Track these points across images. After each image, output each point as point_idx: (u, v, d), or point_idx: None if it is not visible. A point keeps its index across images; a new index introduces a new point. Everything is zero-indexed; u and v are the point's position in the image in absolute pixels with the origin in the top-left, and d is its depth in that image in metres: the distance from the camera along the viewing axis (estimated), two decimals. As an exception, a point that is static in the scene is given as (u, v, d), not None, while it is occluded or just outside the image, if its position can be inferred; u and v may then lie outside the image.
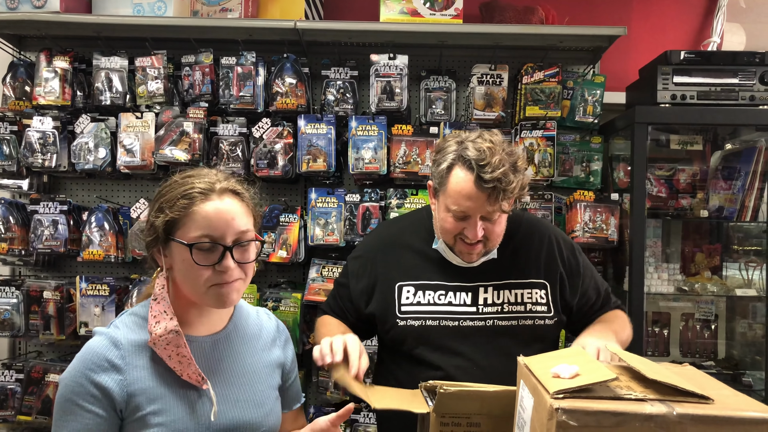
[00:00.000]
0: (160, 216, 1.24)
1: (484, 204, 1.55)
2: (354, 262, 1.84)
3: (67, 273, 2.96)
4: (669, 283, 2.79)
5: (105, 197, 2.94)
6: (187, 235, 1.23)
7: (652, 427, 0.90)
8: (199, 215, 1.23)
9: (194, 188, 1.24)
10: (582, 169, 2.87)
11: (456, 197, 1.57)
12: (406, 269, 1.74)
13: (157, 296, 1.27)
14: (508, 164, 1.54)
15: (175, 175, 1.32)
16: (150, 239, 1.28)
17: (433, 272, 1.73)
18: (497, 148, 1.55)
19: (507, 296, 1.70)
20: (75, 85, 2.79)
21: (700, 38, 3.17)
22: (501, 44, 2.75)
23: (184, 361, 1.24)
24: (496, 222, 1.62)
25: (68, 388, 1.20)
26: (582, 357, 1.09)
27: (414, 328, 1.69)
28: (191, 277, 1.24)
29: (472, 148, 1.55)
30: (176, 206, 1.23)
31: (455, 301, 1.70)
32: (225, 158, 2.70)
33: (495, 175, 1.50)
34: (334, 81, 2.75)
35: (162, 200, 1.26)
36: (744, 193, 2.80)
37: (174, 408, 1.24)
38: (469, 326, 1.68)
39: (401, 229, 1.86)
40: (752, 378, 2.76)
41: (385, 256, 1.78)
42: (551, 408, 0.91)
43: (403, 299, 1.72)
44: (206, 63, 2.74)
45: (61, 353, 2.93)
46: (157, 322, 1.24)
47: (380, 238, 1.88)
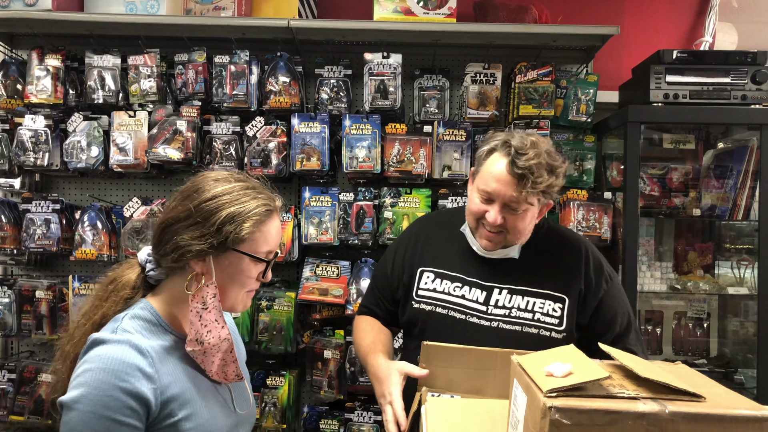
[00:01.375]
0: (232, 226, 1.24)
1: (511, 189, 1.59)
2: (392, 246, 1.96)
3: (59, 272, 2.95)
4: (662, 281, 2.80)
5: (98, 196, 2.93)
6: (258, 249, 1.29)
7: (644, 425, 0.91)
8: (269, 233, 1.30)
9: (261, 205, 1.29)
10: (575, 168, 2.88)
11: (487, 177, 1.63)
12: (431, 257, 1.82)
13: (209, 306, 1.25)
14: (545, 161, 1.58)
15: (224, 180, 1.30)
16: (205, 246, 1.23)
17: (456, 265, 1.78)
18: (541, 146, 1.61)
19: (518, 302, 1.71)
20: (67, 84, 2.77)
21: (692, 38, 3.18)
22: (494, 43, 2.75)
23: (225, 363, 1.30)
24: (519, 216, 1.64)
25: (100, 404, 1.12)
26: (575, 355, 1.09)
27: (424, 312, 1.76)
28: (238, 285, 1.30)
29: (517, 138, 1.62)
30: (250, 220, 1.26)
31: (468, 295, 1.74)
32: (218, 157, 2.69)
33: (528, 164, 1.56)
34: (328, 80, 2.75)
35: (231, 211, 1.25)
36: (736, 192, 2.81)
37: (203, 410, 1.26)
38: (475, 323, 1.71)
39: (436, 219, 1.98)
40: (744, 376, 2.77)
41: (417, 242, 1.87)
42: (544, 406, 0.91)
43: (422, 283, 1.79)
44: (199, 61, 2.73)
45: (53, 353, 2.91)
46: (209, 331, 1.25)
47: (417, 227, 1.97)
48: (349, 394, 2.72)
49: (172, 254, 1.25)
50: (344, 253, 2.80)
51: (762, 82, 2.58)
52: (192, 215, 1.24)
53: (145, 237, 2.68)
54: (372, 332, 1.84)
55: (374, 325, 1.88)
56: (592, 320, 1.74)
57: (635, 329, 1.79)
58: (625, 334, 1.75)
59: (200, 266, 1.26)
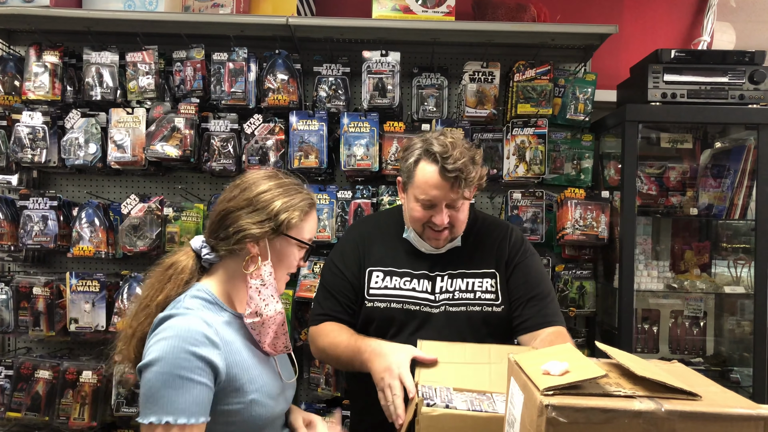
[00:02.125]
0: (287, 213, 1.43)
1: (449, 192, 1.71)
2: (336, 251, 1.97)
3: (56, 269, 2.95)
4: (659, 280, 2.81)
5: (95, 193, 2.93)
6: (303, 236, 1.48)
7: (640, 424, 0.91)
8: (311, 224, 1.51)
9: (306, 199, 1.49)
10: (573, 167, 2.89)
11: (423, 187, 1.73)
12: (377, 257, 1.89)
13: (266, 282, 1.42)
14: (467, 157, 1.71)
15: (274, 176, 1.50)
16: (265, 230, 1.42)
17: (401, 261, 1.87)
18: (458, 143, 1.73)
19: (459, 284, 1.83)
20: (65, 80, 2.77)
21: (690, 37, 3.19)
22: (493, 42, 2.75)
23: (277, 336, 1.45)
24: (460, 209, 1.78)
25: (174, 364, 1.25)
26: (572, 354, 1.10)
27: (380, 310, 1.83)
28: (285, 267, 1.48)
29: (437, 143, 1.72)
30: (299, 209, 1.45)
31: (418, 287, 1.83)
32: (216, 154, 2.69)
33: (457, 165, 1.67)
34: (326, 77, 2.75)
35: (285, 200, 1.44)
36: (733, 191, 2.82)
37: (263, 374, 1.41)
38: (427, 312, 1.81)
39: (375, 224, 2.02)
40: (740, 375, 2.78)
41: (363, 244, 1.92)
42: (541, 404, 0.92)
43: (372, 283, 1.86)
44: (198, 59, 2.73)
45: (51, 349, 2.92)
46: (267, 305, 1.41)
47: (357, 230, 2.02)
48: (346, 392, 2.72)
49: (232, 237, 1.42)
50: (342, 251, 2.80)
51: (760, 81, 2.59)
52: (252, 204, 1.43)
53: (143, 234, 2.68)
54: (344, 330, 1.83)
55: (341, 326, 1.85)
56: (510, 284, 1.85)
57: (554, 299, 1.88)
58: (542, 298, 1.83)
59: (256, 249, 1.43)
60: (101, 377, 2.67)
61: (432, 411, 1.32)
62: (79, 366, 2.69)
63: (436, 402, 1.36)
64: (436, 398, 1.39)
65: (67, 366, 2.69)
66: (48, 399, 2.68)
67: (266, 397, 1.39)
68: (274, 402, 1.42)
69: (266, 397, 1.39)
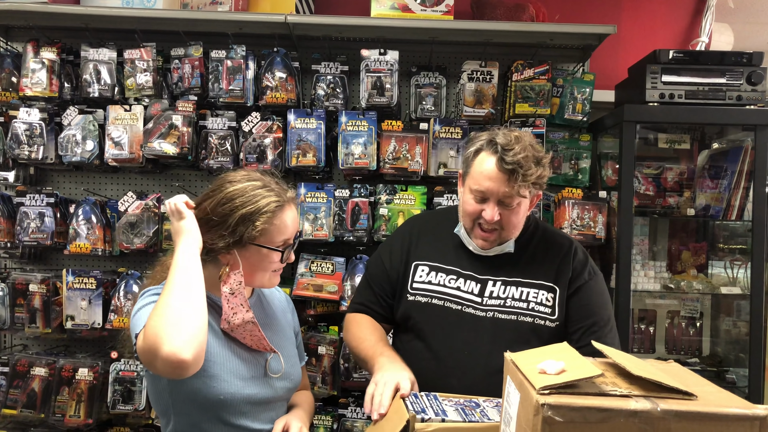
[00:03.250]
0: (246, 226, 1.43)
1: (503, 185, 1.64)
2: (386, 243, 1.98)
3: (53, 266, 2.94)
4: (655, 280, 2.81)
5: (92, 190, 2.92)
6: (273, 240, 1.48)
7: (636, 423, 0.91)
8: (282, 225, 1.48)
9: (272, 202, 1.46)
10: (570, 167, 2.89)
11: (478, 177, 1.68)
12: (426, 252, 1.85)
13: (235, 291, 1.45)
14: (531, 154, 1.64)
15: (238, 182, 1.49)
16: (225, 244, 1.44)
17: (450, 259, 1.82)
18: (525, 140, 1.67)
19: (512, 292, 1.76)
20: (62, 77, 2.76)
21: (688, 38, 3.19)
22: (491, 41, 2.75)
23: (257, 338, 1.49)
24: (514, 210, 1.70)
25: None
26: (568, 353, 1.10)
27: (420, 304, 1.78)
28: (262, 269, 1.50)
29: (502, 135, 1.67)
30: (261, 218, 1.44)
31: (464, 287, 1.77)
32: (214, 152, 2.68)
33: (516, 158, 1.61)
34: (325, 76, 2.74)
35: (243, 212, 1.44)
36: (730, 192, 2.82)
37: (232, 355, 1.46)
38: (471, 314, 1.74)
39: (428, 219, 2.02)
40: (736, 375, 2.79)
41: (412, 238, 1.89)
42: (537, 404, 0.92)
43: (417, 277, 1.82)
44: (196, 56, 2.72)
45: (47, 346, 2.91)
46: (235, 314, 1.45)
47: (410, 224, 2.00)
48: (342, 390, 2.72)
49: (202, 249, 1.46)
50: (339, 250, 2.80)
51: (757, 83, 2.59)
52: (210, 218, 1.45)
53: (140, 231, 2.68)
54: (375, 329, 1.83)
55: (373, 323, 1.86)
56: (570, 305, 1.76)
57: (613, 328, 1.79)
58: (601, 327, 1.75)
59: (227, 258, 1.48)
60: (97, 374, 2.66)
61: (427, 426, 1.31)
62: (75, 363, 2.68)
63: (431, 416, 1.35)
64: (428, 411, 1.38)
65: (63, 363, 2.68)
66: (44, 396, 2.67)
67: (230, 374, 1.44)
68: (242, 383, 1.45)
69: (230, 374, 1.44)
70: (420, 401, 1.44)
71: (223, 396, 1.42)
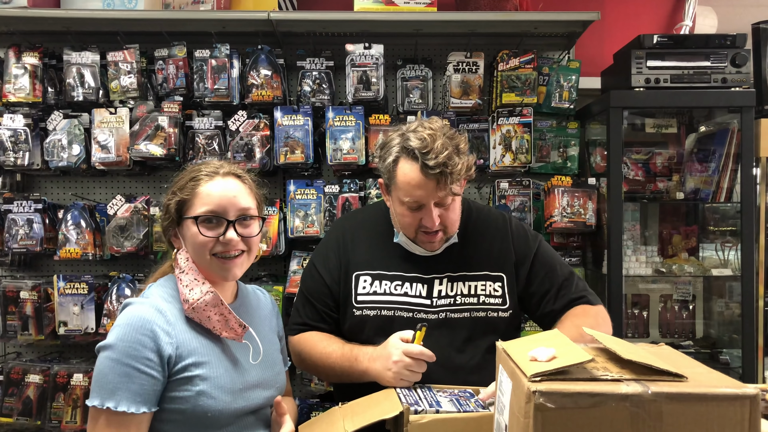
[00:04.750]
0: (173, 199, 1.43)
1: (435, 190, 1.58)
2: (317, 255, 1.85)
3: (44, 272, 2.92)
4: (647, 265, 2.82)
5: (80, 195, 2.90)
6: (195, 211, 1.41)
7: (627, 407, 0.92)
8: (204, 193, 1.42)
9: (201, 172, 1.44)
10: (559, 155, 2.89)
11: (406, 188, 1.60)
12: (364, 259, 1.76)
13: (184, 268, 1.42)
14: (451, 147, 1.57)
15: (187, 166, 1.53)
16: (166, 223, 1.46)
17: (391, 263, 1.74)
18: (438, 134, 1.58)
19: (460, 288, 1.71)
20: (46, 81, 2.74)
21: (672, 22, 3.19)
22: (476, 32, 2.75)
23: (223, 317, 1.39)
24: (451, 207, 1.65)
25: (123, 352, 1.28)
26: (559, 340, 1.10)
27: (370, 318, 1.71)
28: (198, 250, 1.41)
29: (414, 138, 1.58)
30: (186, 188, 1.42)
31: (411, 292, 1.71)
32: (201, 152, 2.67)
33: (439, 160, 1.53)
34: (310, 72, 2.73)
35: (174, 186, 1.46)
36: (719, 175, 2.83)
37: (218, 366, 1.38)
38: (423, 319, 1.68)
39: (359, 222, 1.88)
40: (729, 356, 2.81)
41: (345, 246, 1.79)
42: (529, 391, 0.92)
43: (360, 288, 1.73)
44: (180, 56, 2.70)
45: (40, 353, 2.90)
46: (191, 290, 1.39)
47: (339, 229, 1.88)
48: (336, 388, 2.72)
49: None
50: (331, 246, 2.79)
51: (741, 64, 2.60)
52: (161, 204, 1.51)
53: (130, 234, 2.66)
54: (334, 339, 1.74)
55: (326, 335, 1.76)
56: (532, 282, 1.75)
57: (579, 278, 1.80)
58: (569, 283, 1.76)
59: (177, 242, 1.47)
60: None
61: (421, 418, 1.30)
62: (69, 369, 2.67)
63: (424, 407, 1.35)
64: (422, 403, 1.38)
65: (58, 369, 2.67)
66: (39, 403, 2.66)
67: (219, 390, 1.36)
68: (230, 397, 1.37)
69: (219, 390, 1.36)
70: (413, 393, 1.44)
71: (213, 415, 1.35)
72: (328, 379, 1.88)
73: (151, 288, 1.45)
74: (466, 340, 1.68)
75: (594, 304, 1.76)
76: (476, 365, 1.67)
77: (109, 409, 1.25)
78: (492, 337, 1.62)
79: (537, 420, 0.91)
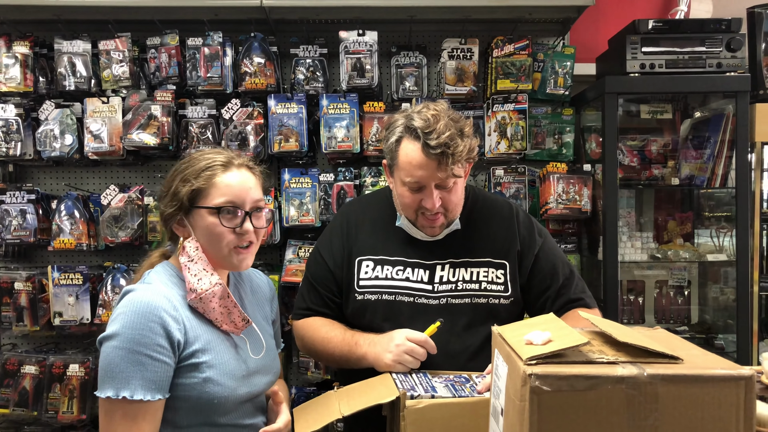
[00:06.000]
0: (185, 186, 1.39)
1: (436, 171, 1.57)
2: (322, 240, 1.86)
3: (38, 263, 2.91)
4: (642, 251, 2.82)
5: (74, 185, 2.89)
6: (213, 201, 1.39)
7: (623, 389, 0.92)
8: (223, 183, 1.40)
9: (215, 161, 1.41)
10: (554, 141, 2.89)
11: (408, 168, 1.60)
12: (367, 245, 1.76)
13: (194, 258, 1.39)
14: (453, 129, 1.57)
15: (187, 155, 1.49)
16: (172, 210, 1.41)
17: (394, 248, 1.74)
18: (442, 115, 1.59)
19: (462, 274, 1.71)
20: (37, 71, 2.72)
21: (667, 7, 3.18)
22: (470, 18, 2.73)
23: (227, 310, 1.40)
24: (452, 190, 1.64)
25: (133, 340, 1.26)
26: (554, 323, 1.10)
27: (371, 302, 1.71)
28: (215, 240, 1.40)
29: (418, 118, 1.59)
30: (201, 177, 1.39)
31: (413, 277, 1.71)
32: (195, 141, 2.65)
33: (441, 140, 1.54)
34: (304, 59, 2.72)
35: (185, 173, 1.41)
36: (713, 161, 2.83)
37: (222, 353, 1.38)
38: (424, 303, 1.69)
39: (363, 207, 1.88)
40: (724, 341, 2.82)
41: (349, 232, 1.80)
42: (524, 374, 0.92)
43: (362, 273, 1.74)
44: (172, 44, 2.68)
45: (36, 344, 2.89)
46: (199, 280, 1.37)
47: (344, 215, 1.88)
48: (335, 374, 2.72)
49: (164, 226, 1.46)
50: (326, 234, 2.79)
51: (737, 49, 2.59)
52: (163, 190, 1.45)
53: (124, 224, 2.65)
54: (337, 325, 1.74)
55: (329, 320, 1.77)
56: (534, 276, 1.75)
57: (578, 278, 1.80)
58: (569, 284, 1.76)
59: (181, 230, 1.43)
60: (89, 370, 2.65)
61: (417, 403, 1.30)
62: (65, 359, 2.67)
63: (420, 393, 1.35)
64: (418, 388, 1.38)
65: (54, 360, 2.67)
66: (35, 394, 2.66)
67: (225, 376, 1.36)
68: (235, 383, 1.38)
69: (225, 376, 1.36)
70: (409, 379, 1.44)
71: (219, 401, 1.35)
72: (329, 364, 1.89)
73: (150, 275, 1.42)
74: (467, 326, 1.68)
75: (591, 308, 1.77)
76: (475, 351, 1.67)
77: (125, 398, 1.24)
78: (492, 324, 1.61)
79: (533, 403, 0.91)
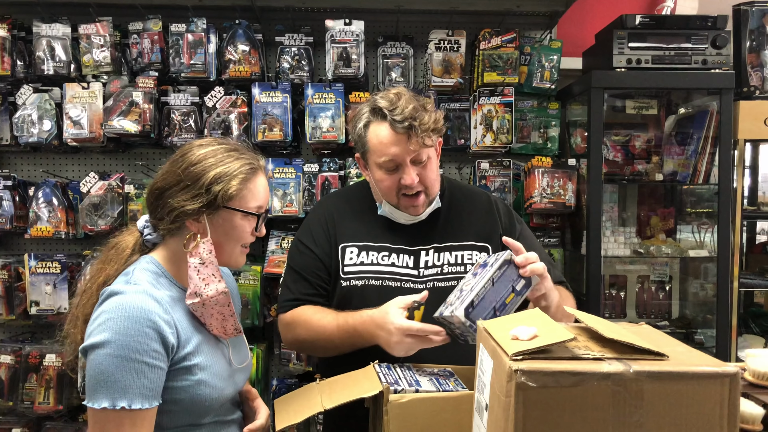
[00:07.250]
0: (218, 185, 1.33)
1: (407, 144, 1.61)
2: (304, 230, 1.83)
3: (14, 251, 2.86)
4: (625, 246, 2.84)
5: (52, 172, 2.83)
6: (247, 205, 1.37)
7: (609, 385, 0.91)
8: (256, 189, 1.39)
9: (246, 164, 1.37)
10: (540, 136, 2.89)
11: (380, 148, 1.64)
12: (350, 231, 1.77)
13: (206, 261, 1.34)
14: (416, 104, 1.63)
15: (208, 145, 1.39)
16: (198, 206, 1.32)
17: (377, 235, 1.75)
18: (403, 93, 1.65)
19: (447, 258, 1.73)
20: (15, 54, 2.65)
21: (654, 2, 3.19)
22: (458, 9, 2.72)
23: (223, 317, 1.37)
24: (428, 167, 1.67)
25: (127, 347, 1.19)
26: (540, 319, 1.09)
27: (357, 288, 1.70)
28: (234, 240, 1.39)
29: (381, 99, 1.64)
30: (237, 177, 1.35)
31: (398, 262, 1.72)
32: (177, 129, 2.61)
33: (406, 113, 1.59)
34: (289, 48, 2.68)
35: (216, 171, 1.34)
36: (696, 158, 2.85)
37: (211, 354, 1.35)
38: (410, 288, 1.69)
39: (343, 199, 1.88)
40: (704, 336, 2.85)
41: (332, 220, 1.79)
42: (510, 370, 0.91)
43: (347, 260, 1.73)
44: (155, 30, 2.63)
45: (12, 333, 2.84)
46: (207, 285, 1.33)
47: (323, 207, 1.87)
48: (317, 366, 2.71)
49: (168, 217, 1.34)
50: (310, 225, 2.76)
51: (722, 46, 2.60)
52: (182, 180, 1.34)
53: (104, 212, 2.61)
54: (327, 311, 1.70)
55: (321, 308, 1.72)
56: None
57: (553, 264, 1.83)
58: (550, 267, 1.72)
59: (196, 226, 1.35)
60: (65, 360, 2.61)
61: (401, 398, 1.29)
62: (41, 349, 2.62)
63: (404, 387, 1.33)
64: (402, 382, 1.36)
65: (30, 350, 2.62)
66: (11, 384, 2.62)
67: (215, 377, 1.33)
68: (223, 383, 1.36)
69: (215, 377, 1.33)
70: (393, 372, 1.42)
71: (209, 402, 1.32)
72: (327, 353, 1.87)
73: (134, 273, 1.33)
74: None
75: (570, 292, 1.81)
76: None
77: (123, 408, 1.18)
78: None
79: (518, 399, 0.90)
